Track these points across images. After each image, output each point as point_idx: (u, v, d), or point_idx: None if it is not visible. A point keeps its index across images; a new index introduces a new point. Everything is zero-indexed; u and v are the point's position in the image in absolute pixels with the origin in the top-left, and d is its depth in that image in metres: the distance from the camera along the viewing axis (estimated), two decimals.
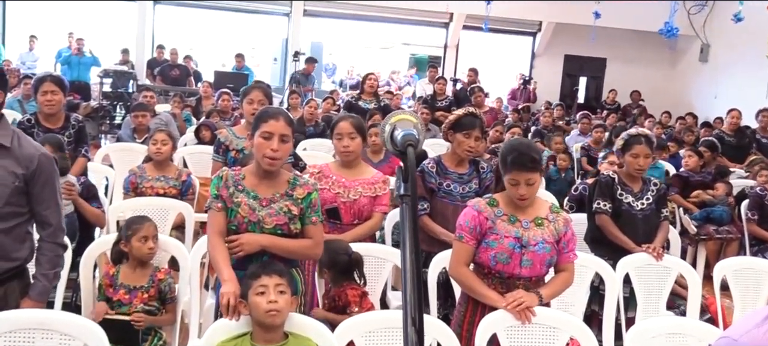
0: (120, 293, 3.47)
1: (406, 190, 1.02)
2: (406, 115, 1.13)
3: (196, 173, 5.56)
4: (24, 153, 2.82)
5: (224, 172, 3.05)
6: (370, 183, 4.00)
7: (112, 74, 12.19)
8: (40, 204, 2.89)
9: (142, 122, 7.06)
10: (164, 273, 3.56)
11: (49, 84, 4.88)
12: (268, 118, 2.98)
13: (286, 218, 2.99)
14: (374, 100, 8.55)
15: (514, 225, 3.14)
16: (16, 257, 2.88)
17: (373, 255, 3.79)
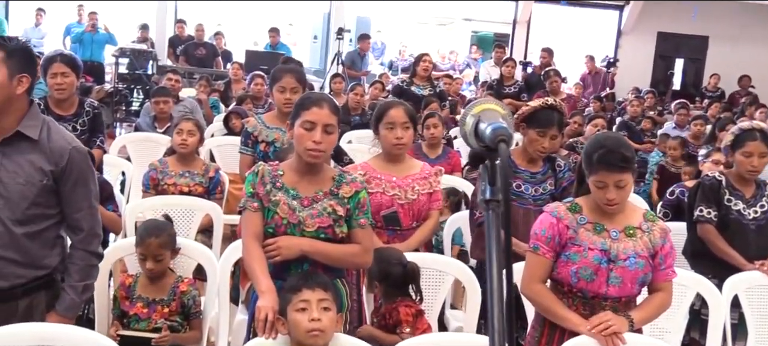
0: (137, 307, 3.52)
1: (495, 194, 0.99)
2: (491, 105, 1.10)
3: (225, 168, 5.60)
4: (54, 147, 2.85)
5: (260, 167, 3.07)
6: (423, 178, 4.00)
7: (129, 53, 12.39)
8: (71, 206, 2.92)
9: (163, 109, 7.15)
10: (187, 284, 3.59)
11: (60, 64, 4.92)
12: (310, 105, 2.98)
13: (331, 219, 2.99)
14: (428, 86, 8.52)
15: (601, 235, 3.08)
16: (44, 265, 2.92)
17: (432, 267, 3.78)
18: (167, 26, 14.74)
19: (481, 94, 11.14)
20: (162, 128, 7.04)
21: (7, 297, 2.85)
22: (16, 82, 2.79)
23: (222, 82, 10.83)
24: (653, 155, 8.57)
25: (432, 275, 3.78)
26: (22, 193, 2.80)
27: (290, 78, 4.49)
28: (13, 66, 2.78)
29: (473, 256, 4.26)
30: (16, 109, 2.83)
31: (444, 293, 3.85)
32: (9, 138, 2.81)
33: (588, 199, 3.16)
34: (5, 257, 2.81)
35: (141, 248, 3.54)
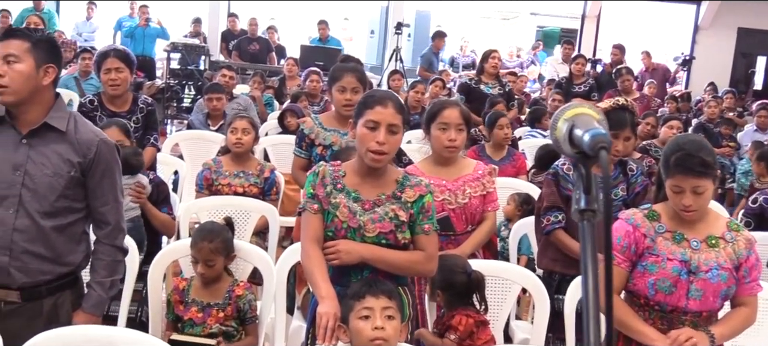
0: (191, 311, 3.56)
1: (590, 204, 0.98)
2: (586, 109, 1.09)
3: (281, 168, 5.64)
4: (81, 139, 2.94)
5: (322, 167, 3.08)
6: (475, 179, 3.97)
7: (181, 48, 12.54)
8: (97, 199, 3.00)
9: (216, 106, 7.24)
10: (243, 288, 3.62)
11: (114, 59, 5.00)
12: (374, 103, 2.97)
13: (393, 224, 2.98)
14: (497, 84, 8.47)
15: (681, 245, 3.03)
16: (69, 262, 3.00)
17: (497, 275, 3.75)
18: (220, 20, 14.91)
19: (547, 93, 11.05)
20: (215, 126, 7.13)
21: (32, 296, 2.92)
22: (43, 72, 2.89)
23: (276, 79, 10.93)
24: (743, 163, 8.36)
25: (497, 283, 3.76)
26: (51, 185, 2.88)
27: (351, 77, 4.45)
28: (39, 57, 2.88)
29: (540, 266, 4.22)
30: (43, 101, 2.92)
31: (510, 303, 3.83)
32: (36, 130, 2.89)
33: (666, 206, 3.11)
34: (31, 252, 2.88)
35: (193, 251, 3.59)
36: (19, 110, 2.89)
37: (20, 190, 2.85)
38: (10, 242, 2.85)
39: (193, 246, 3.59)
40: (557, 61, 12.61)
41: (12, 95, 2.83)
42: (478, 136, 6.93)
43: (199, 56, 12.58)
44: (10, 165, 2.86)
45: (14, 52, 2.83)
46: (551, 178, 4.08)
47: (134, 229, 4.19)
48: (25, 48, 2.85)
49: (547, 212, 4.06)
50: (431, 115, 3.96)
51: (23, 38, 2.88)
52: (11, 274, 2.86)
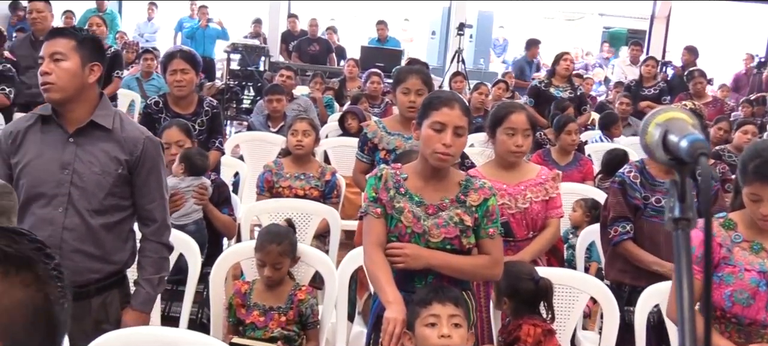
0: (253, 315, 3.58)
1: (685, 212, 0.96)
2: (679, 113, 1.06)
3: (341, 170, 5.67)
4: (127, 136, 3.00)
5: (383, 170, 3.08)
6: (538, 184, 3.93)
7: (241, 49, 12.67)
8: (144, 196, 3.06)
9: (277, 108, 7.30)
10: (305, 292, 3.64)
11: (180, 61, 5.07)
12: (440, 105, 2.97)
13: (458, 229, 2.97)
14: (568, 87, 8.37)
15: (759, 255, 2.96)
16: (118, 260, 3.07)
17: (564, 283, 3.71)
18: (280, 21, 15.04)
19: (614, 96, 10.90)
20: (275, 127, 7.19)
21: (81, 295, 2.96)
22: (88, 70, 2.95)
23: (336, 80, 10.97)
24: None
25: (564, 292, 3.71)
26: (99, 182, 2.94)
27: (415, 79, 4.47)
28: (84, 55, 2.94)
29: (608, 277, 4.14)
30: (89, 99, 2.98)
31: (578, 312, 3.78)
32: (83, 128, 2.95)
33: (743, 214, 3.04)
34: (81, 250, 2.94)
35: (260, 254, 3.61)
36: (65, 109, 2.95)
37: (69, 188, 2.91)
38: (60, 241, 2.91)
39: (260, 249, 3.61)
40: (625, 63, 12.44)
41: (59, 92, 2.89)
42: (544, 140, 6.87)
43: (259, 57, 12.68)
44: (58, 164, 2.92)
45: (60, 51, 2.89)
46: (617, 187, 4.01)
47: (197, 231, 4.24)
48: (70, 46, 2.91)
49: (613, 223, 3.99)
50: (497, 119, 3.92)
51: (69, 37, 2.95)
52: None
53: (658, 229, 3.92)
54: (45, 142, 2.95)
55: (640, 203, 3.94)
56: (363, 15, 19.18)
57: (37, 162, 2.93)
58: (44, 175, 2.92)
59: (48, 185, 2.91)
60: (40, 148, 2.94)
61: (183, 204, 4.33)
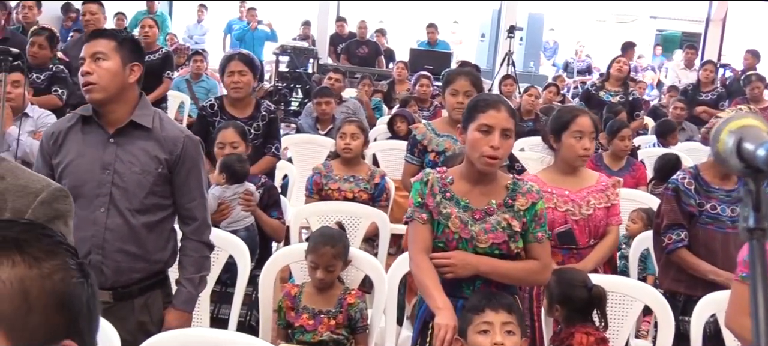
0: (303, 318, 3.59)
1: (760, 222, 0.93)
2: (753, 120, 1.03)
3: (390, 174, 5.67)
4: (167, 135, 3.02)
5: (429, 175, 3.06)
6: (599, 191, 3.89)
7: (289, 51, 12.73)
8: (184, 195, 3.08)
9: (325, 110, 7.33)
10: (355, 296, 3.64)
11: (238, 63, 5.10)
12: (487, 107, 2.96)
13: (505, 234, 2.96)
14: (622, 91, 8.27)
15: None
16: (159, 259, 3.09)
17: (619, 291, 3.66)
18: (329, 23, 15.09)
19: (667, 100, 10.75)
20: (324, 130, 7.21)
21: (123, 295, 3.00)
22: (129, 70, 2.98)
23: (385, 83, 10.98)
24: None
25: (618, 300, 3.66)
26: (140, 182, 2.96)
27: (464, 80, 4.49)
28: (124, 55, 2.97)
29: (662, 286, 4.08)
30: (129, 99, 3.00)
31: (632, 321, 3.72)
32: (123, 128, 2.97)
33: None
34: (124, 250, 2.96)
35: (314, 256, 3.61)
36: (106, 109, 2.97)
37: (110, 189, 2.94)
38: (102, 241, 2.93)
39: (313, 252, 3.61)
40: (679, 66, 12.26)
41: (100, 92, 2.91)
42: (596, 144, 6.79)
43: (307, 59, 12.72)
44: (99, 164, 2.95)
45: (102, 51, 2.92)
46: (671, 193, 3.95)
47: (248, 237, 4.26)
48: (111, 46, 2.94)
49: (667, 230, 3.93)
50: (564, 123, 3.87)
51: (109, 37, 2.98)
52: (104, 273, 2.93)
53: (714, 236, 3.86)
54: (86, 142, 2.98)
55: (695, 210, 3.88)
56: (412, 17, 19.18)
57: (79, 162, 2.97)
58: (86, 175, 2.95)
59: (89, 185, 2.94)
60: (81, 149, 2.98)
61: (230, 213, 4.35)
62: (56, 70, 6.35)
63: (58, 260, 1.16)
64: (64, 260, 1.17)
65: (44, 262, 1.14)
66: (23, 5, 8.16)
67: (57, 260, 1.16)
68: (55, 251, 1.16)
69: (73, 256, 1.20)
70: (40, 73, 6.22)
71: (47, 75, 6.27)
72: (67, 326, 1.14)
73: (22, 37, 6.85)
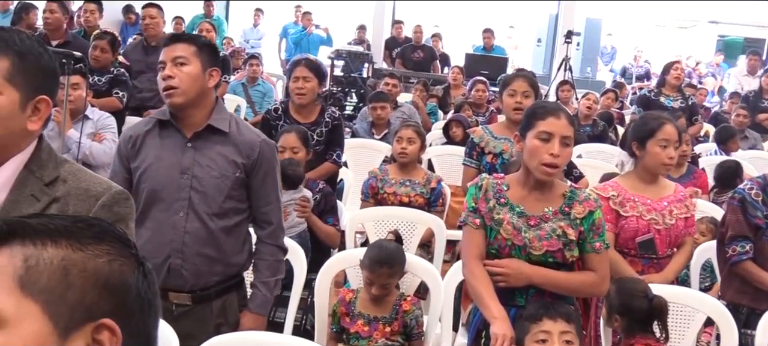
0: (358, 324, 3.60)
1: None
2: None
3: (446, 179, 5.66)
4: (244, 139, 3.05)
5: (484, 180, 3.05)
6: (679, 201, 3.84)
7: (344, 56, 12.76)
8: (260, 199, 3.10)
9: (380, 115, 7.32)
10: (410, 303, 3.63)
11: (303, 68, 5.10)
12: (546, 114, 2.94)
13: (560, 242, 2.93)
14: (679, 97, 8.15)
15: None
16: (236, 262, 3.12)
17: (679, 302, 3.60)
18: (384, 27, 15.11)
19: (730, 107, 10.54)
20: (379, 135, 7.22)
21: (202, 298, 3.03)
22: (208, 75, 3.01)
23: (440, 87, 10.95)
24: None
25: (679, 311, 3.61)
26: (218, 186, 2.99)
27: (522, 81, 4.53)
28: (204, 60, 3.00)
29: (725, 298, 4.00)
30: (207, 104, 3.03)
31: (693, 333, 3.65)
32: (200, 132, 3.00)
33: None
34: (202, 254, 2.99)
35: (370, 275, 3.58)
36: (185, 113, 3.00)
37: (189, 193, 2.97)
38: (182, 245, 2.97)
39: (370, 269, 3.58)
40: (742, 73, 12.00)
41: (181, 96, 2.94)
42: None
43: (362, 64, 12.74)
44: (177, 169, 2.98)
45: (183, 55, 2.96)
46: (737, 204, 3.87)
47: (302, 244, 4.25)
48: (192, 51, 2.98)
49: (732, 242, 3.86)
50: (650, 131, 3.80)
51: (190, 42, 3.02)
52: (183, 276, 2.98)
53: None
54: (164, 146, 3.02)
55: (762, 222, 3.79)
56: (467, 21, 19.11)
57: (157, 166, 3.00)
58: (164, 179, 2.98)
59: (168, 189, 2.98)
60: (160, 153, 3.01)
61: (285, 219, 4.36)
62: (117, 73, 6.45)
63: (105, 245, 1.18)
64: (113, 246, 1.19)
65: (90, 246, 1.17)
66: (85, 9, 8.30)
67: (104, 245, 1.18)
68: (104, 238, 1.19)
69: (127, 246, 1.22)
70: (102, 76, 6.32)
71: (108, 78, 6.38)
72: (110, 308, 1.15)
73: (84, 41, 6.96)
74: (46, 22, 7.09)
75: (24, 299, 1.12)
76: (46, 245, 1.15)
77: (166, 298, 2.95)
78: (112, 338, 1.15)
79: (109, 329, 1.14)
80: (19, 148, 1.90)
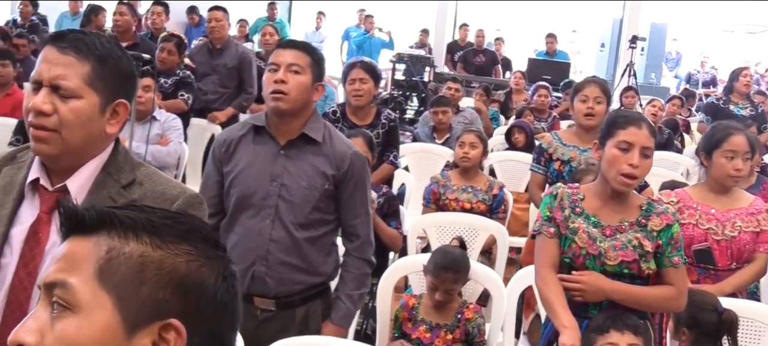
0: (420, 330, 3.59)
1: None
2: None
3: (508, 185, 5.62)
4: (336, 151, 3.02)
5: (560, 189, 3.02)
6: (749, 214, 3.72)
7: (406, 59, 12.76)
8: (349, 212, 3.07)
9: (442, 120, 7.29)
10: (473, 311, 3.61)
11: (359, 70, 5.13)
12: (627, 124, 2.89)
13: (636, 253, 2.88)
14: (749, 105, 7.96)
15: None
16: (322, 272, 3.10)
17: (750, 317, 3.51)
18: (446, 31, 15.09)
19: None
20: (441, 139, 7.18)
21: (286, 305, 3.03)
22: (314, 89, 3.00)
23: (501, 92, 10.88)
24: None
25: (750, 326, 3.52)
26: (306, 197, 2.97)
27: (594, 87, 4.47)
28: (315, 73, 2.99)
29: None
30: (305, 114, 3.02)
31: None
32: (293, 140, 2.99)
33: None
34: (286, 262, 2.98)
35: (434, 279, 3.57)
36: (283, 120, 2.99)
37: (277, 201, 2.97)
38: (266, 252, 2.97)
39: (434, 275, 3.58)
40: None
41: (289, 103, 2.93)
42: None
43: (423, 67, 12.73)
44: (267, 175, 2.98)
45: (299, 63, 2.95)
46: None
47: None
48: (307, 62, 2.97)
49: None
50: (716, 142, 3.71)
51: (306, 52, 3.00)
52: (267, 283, 2.97)
53: None
54: (257, 152, 3.01)
55: None
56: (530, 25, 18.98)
57: (249, 172, 3.00)
58: (254, 185, 2.98)
59: (257, 195, 2.98)
60: (252, 159, 3.01)
61: None
62: (183, 75, 6.53)
63: (187, 244, 1.19)
64: (196, 246, 1.19)
65: (171, 244, 1.17)
66: (152, 11, 8.43)
67: (186, 244, 1.19)
68: (188, 237, 1.20)
69: (215, 248, 1.22)
70: (168, 77, 6.39)
71: (174, 80, 6.45)
72: (180, 308, 1.16)
73: (152, 43, 7.06)
74: (115, 24, 7.22)
75: (100, 289, 1.14)
76: (129, 239, 1.17)
77: (252, 303, 2.96)
78: (178, 339, 1.15)
79: (176, 329, 1.15)
80: (97, 150, 1.93)
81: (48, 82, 1.84)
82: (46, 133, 1.84)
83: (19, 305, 1.87)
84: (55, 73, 1.84)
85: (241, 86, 7.16)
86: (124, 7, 7.19)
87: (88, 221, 1.18)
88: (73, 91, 1.84)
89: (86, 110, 1.86)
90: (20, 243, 1.89)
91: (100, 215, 1.19)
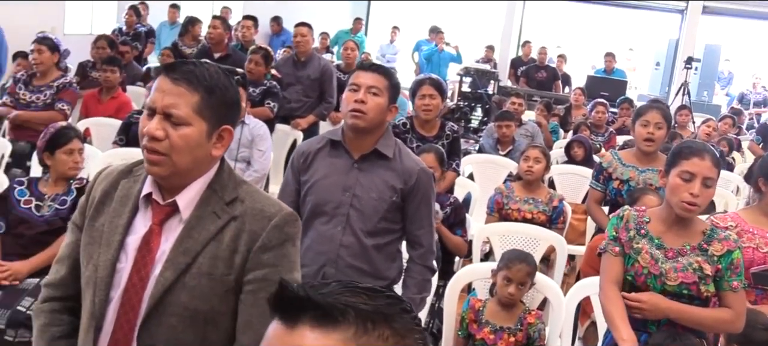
0: (484, 332, 3.60)
1: None
2: None
3: (567, 197, 5.58)
4: (404, 166, 3.07)
5: (625, 211, 3.02)
6: None
7: (472, 73, 12.75)
8: (414, 223, 3.12)
9: (506, 133, 7.26)
10: (535, 316, 3.61)
11: (428, 87, 5.17)
12: (691, 155, 2.87)
13: (696, 276, 2.86)
14: None
15: None
16: (386, 276, 3.15)
17: None
18: (511, 47, 15.03)
19: None
20: (504, 151, 7.16)
21: None
22: (389, 111, 3.05)
23: (561, 107, 10.77)
24: None
25: None
26: (375, 207, 3.03)
27: (655, 113, 4.38)
28: (391, 96, 3.05)
29: None
30: (379, 132, 3.07)
31: None
32: (366, 155, 3.05)
33: None
34: (354, 266, 3.04)
35: (508, 272, 3.60)
36: (359, 136, 3.05)
37: (348, 210, 3.03)
38: (336, 256, 3.03)
39: (508, 267, 3.61)
40: None
41: (366, 122, 2.98)
42: None
43: (488, 81, 12.69)
44: (340, 186, 3.04)
45: (378, 86, 3.00)
46: None
47: None
48: (385, 85, 3.02)
49: None
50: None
51: (385, 76, 3.05)
52: None
53: None
54: (332, 165, 3.08)
55: None
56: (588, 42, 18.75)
57: (324, 182, 3.07)
58: (328, 195, 3.05)
59: (330, 204, 3.05)
60: (328, 171, 3.08)
61: None
62: (270, 85, 6.63)
63: (416, 334, 1.17)
64: (422, 336, 1.18)
65: (407, 338, 1.14)
66: (242, 24, 8.57)
67: (416, 334, 1.16)
68: (414, 329, 1.17)
69: (421, 329, 1.20)
70: (255, 87, 6.49)
71: (261, 89, 6.55)
72: None
73: (242, 55, 7.19)
74: (209, 36, 7.37)
75: None
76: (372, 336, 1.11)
77: None
78: None
79: None
80: (204, 170, 1.99)
81: (161, 110, 1.90)
82: (159, 157, 1.91)
83: (131, 307, 1.94)
84: (167, 102, 1.90)
85: (322, 96, 7.27)
86: (218, 20, 7.34)
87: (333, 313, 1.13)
88: (183, 119, 1.90)
89: (194, 136, 1.92)
90: (134, 250, 1.96)
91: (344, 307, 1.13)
